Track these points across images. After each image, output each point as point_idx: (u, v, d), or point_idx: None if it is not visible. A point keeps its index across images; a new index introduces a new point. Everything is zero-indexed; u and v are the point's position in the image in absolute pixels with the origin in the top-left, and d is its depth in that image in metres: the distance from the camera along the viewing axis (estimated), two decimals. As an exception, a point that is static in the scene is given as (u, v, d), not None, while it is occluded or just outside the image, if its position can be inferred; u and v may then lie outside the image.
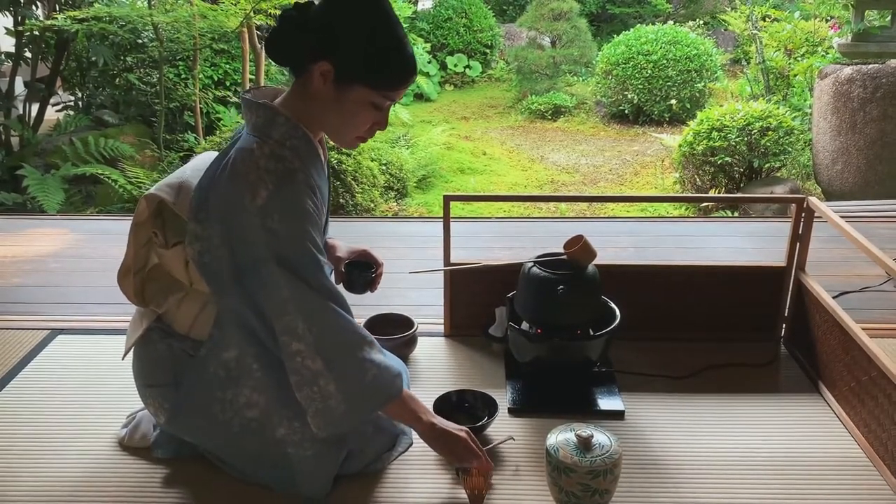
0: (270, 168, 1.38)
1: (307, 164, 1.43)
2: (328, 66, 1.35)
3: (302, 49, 1.36)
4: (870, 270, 2.66)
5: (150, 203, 1.52)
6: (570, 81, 8.17)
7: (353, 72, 1.36)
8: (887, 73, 4.52)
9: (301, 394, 1.42)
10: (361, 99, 1.38)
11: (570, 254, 1.82)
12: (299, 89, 1.43)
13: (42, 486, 1.59)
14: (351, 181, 4.46)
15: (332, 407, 1.41)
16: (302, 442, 1.49)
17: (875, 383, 1.66)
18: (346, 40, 1.34)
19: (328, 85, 1.37)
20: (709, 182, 5.03)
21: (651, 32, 7.30)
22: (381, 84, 1.37)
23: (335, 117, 1.42)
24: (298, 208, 1.38)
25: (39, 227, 3.28)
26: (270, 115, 1.42)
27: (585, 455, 1.44)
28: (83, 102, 5.73)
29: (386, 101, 1.40)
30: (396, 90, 1.40)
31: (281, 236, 1.36)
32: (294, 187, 1.38)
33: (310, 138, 1.45)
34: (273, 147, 1.40)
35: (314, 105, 1.42)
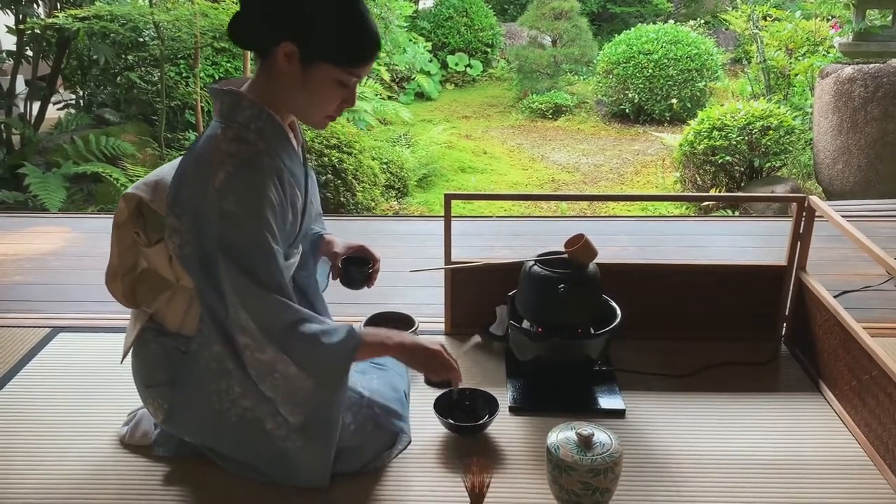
0: (232, 151, 1.38)
1: (275, 147, 1.44)
2: (292, 46, 1.35)
3: (265, 31, 1.37)
4: (870, 270, 2.66)
5: (129, 203, 1.52)
6: (570, 80, 8.16)
7: (318, 50, 1.36)
8: (888, 73, 4.51)
9: (265, 385, 1.42)
10: (327, 77, 1.38)
11: (571, 253, 1.82)
12: (265, 73, 1.43)
13: (43, 483, 1.59)
14: (352, 180, 4.46)
15: (301, 386, 1.42)
16: (289, 435, 1.48)
17: (876, 382, 1.66)
18: (309, 19, 1.34)
19: (293, 65, 1.37)
20: (709, 181, 5.03)
21: (652, 32, 7.30)
22: (345, 61, 1.37)
23: (303, 98, 1.42)
24: (257, 191, 1.37)
25: (40, 225, 3.28)
26: (235, 100, 1.43)
27: (586, 453, 1.44)
28: (84, 101, 5.72)
29: (352, 78, 1.40)
30: (362, 66, 1.40)
31: (233, 219, 1.36)
32: (255, 170, 1.38)
33: (276, 121, 1.45)
34: (237, 130, 1.41)
35: (281, 87, 1.41)
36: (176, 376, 1.53)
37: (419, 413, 1.78)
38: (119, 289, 1.59)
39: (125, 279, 1.60)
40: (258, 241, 1.38)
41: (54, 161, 4.73)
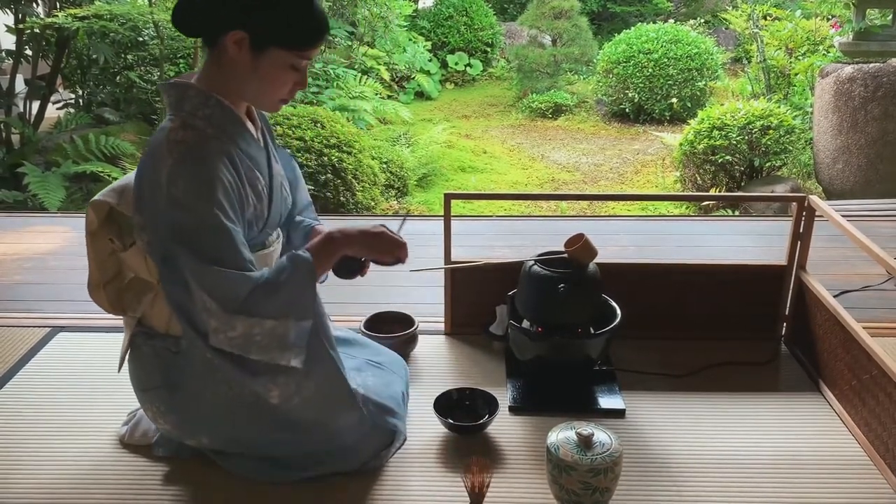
0: (180, 138, 1.38)
1: (227, 132, 1.44)
2: (241, 33, 1.35)
3: (211, 20, 1.37)
4: (871, 269, 2.66)
5: (98, 210, 1.53)
6: (570, 80, 8.15)
7: (267, 36, 1.36)
8: (888, 72, 4.51)
9: (252, 354, 1.41)
10: (279, 62, 1.39)
11: (571, 252, 1.82)
12: (213, 62, 1.43)
13: (43, 483, 1.59)
14: (352, 179, 4.46)
15: (283, 331, 1.41)
16: (291, 397, 1.47)
17: (876, 382, 1.66)
18: (257, 5, 1.34)
19: (244, 52, 1.38)
20: (709, 181, 5.03)
21: (652, 31, 7.29)
22: (295, 44, 1.38)
23: (255, 84, 1.42)
24: (205, 174, 1.37)
25: (40, 224, 3.28)
26: (181, 91, 1.43)
27: (586, 453, 1.44)
28: (84, 100, 5.72)
29: (303, 61, 1.41)
30: (311, 48, 1.41)
31: (182, 203, 1.36)
32: (202, 154, 1.38)
33: (226, 106, 1.45)
34: (184, 118, 1.41)
35: (232, 75, 1.42)
36: (171, 378, 1.53)
37: (419, 413, 1.78)
38: (103, 297, 1.60)
39: (109, 287, 1.60)
40: (209, 221, 1.37)
41: (54, 160, 4.73)
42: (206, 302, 1.37)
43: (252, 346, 1.41)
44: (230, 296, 1.37)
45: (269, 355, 1.42)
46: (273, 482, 1.57)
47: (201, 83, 1.44)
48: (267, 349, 1.42)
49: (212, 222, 1.37)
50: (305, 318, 1.45)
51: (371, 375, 1.65)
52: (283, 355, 1.43)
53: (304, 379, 1.47)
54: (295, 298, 1.43)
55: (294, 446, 1.57)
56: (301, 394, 1.48)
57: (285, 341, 1.42)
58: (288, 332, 1.42)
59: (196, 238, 1.36)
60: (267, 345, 1.41)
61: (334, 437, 1.56)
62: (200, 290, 1.37)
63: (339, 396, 1.52)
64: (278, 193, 1.59)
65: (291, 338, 1.43)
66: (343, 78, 6.28)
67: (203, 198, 1.36)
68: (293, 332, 1.43)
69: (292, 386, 1.47)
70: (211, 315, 1.38)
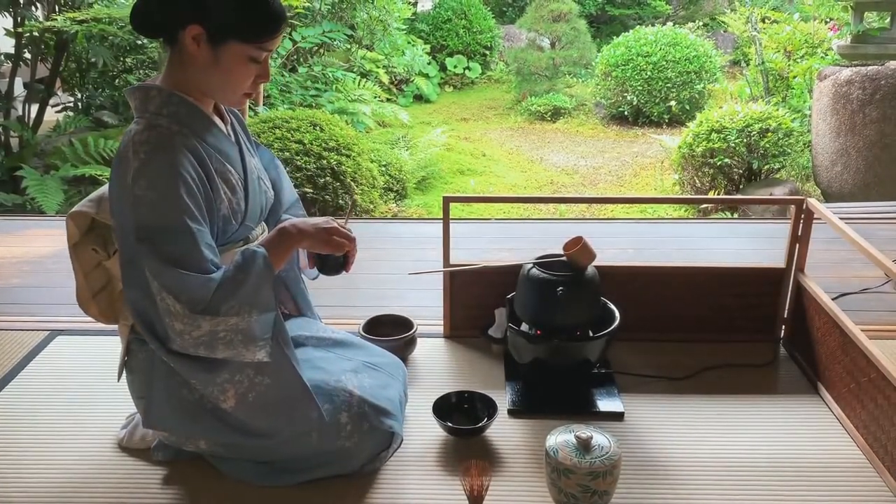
0: (144, 139, 1.39)
1: (193, 127, 1.44)
2: (198, 28, 1.36)
3: (168, 17, 1.37)
4: (869, 272, 2.67)
5: (78, 221, 1.54)
6: (569, 83, 8.17)
7: (224, 29, 1.36)
8: (886, 75, 4.52)
9: (217, 352, 1.41)
10: (238, 54, 1.39)
11: (570, 255, 1.82)
12: (175, 60, 1.43)
13: (41, 487, 1.59)
14: (350, 182, 4.46)
15: (247, 325, 1.41)
16: (245, 396, 1.47)
17: (874, 385, 1.66)
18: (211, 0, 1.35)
19: (202, 47, 1.38)
20: (708, 183, 5.03)
21: (650, 34, 7.31)
22: (253, 35, 1.38)
23: (216, 78, 1.42)
24: (168, 172, 1.37)
25: (38, 227, 3.28)
26: (144, 93, 1.44)
27: (585, 456, 1.44)
28: (83, 103, 5.72)
29: (262, 53, 1.41)
30: (270, 39, 1.40)
31: (146, 203, 1.36)
32: (165, 151, 1.38)
33: (190, 103, 1.45)
34: (149, 119, 1.41)
35: (193, 71, 1.42)
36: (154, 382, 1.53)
37: (417, 416, 1.77)
38: (94, 309, 1.61)
39: (99, 298, 1.60)
40: (172, 221, 1.37)
41: (52, 163, 4.73)
42: (171, 305, 1.36)
43: (218, 344, 1.40)
44: (196, 297, 1.37)
45: (235, 351, 1.42)
46: (271, 485, 1.57)
47: (165, 83, 1.45)
48: (232, 344, 1.41)
49: (175, 222, 1.37)
50: (268, 310, 1.45)
51: (368, 377, 1.65)
52: (249, 349, 1.43)
53: (258, 374, 1.47)
54: (255, 292, 1.43)
55: (270, 452, 1.56)
56: (256, 389, 1.47)
57: (250, 335, 1.42)
58: (251, 326, 1.42)
59: (159, 238, 1.36)
60: (232, 340, 1.41)
61: (301, 442, 1.55)
62: (164, 292, 1.36)
63: (295, 393, 1.51)
64: (255, 186, 1.58)
65: (256, 331, 1.43)
66: (342, 81, 6.29)
67: (166, 197, 1.36)
68: (257, 326, 1.43)
69: (246, 383, 1.47)
70: (175, 318, 1.37)
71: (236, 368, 1.46)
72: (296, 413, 1.51)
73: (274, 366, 1.48)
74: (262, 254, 1.46)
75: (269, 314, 1.45)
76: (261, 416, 1.51)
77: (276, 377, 1.49)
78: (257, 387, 1.48)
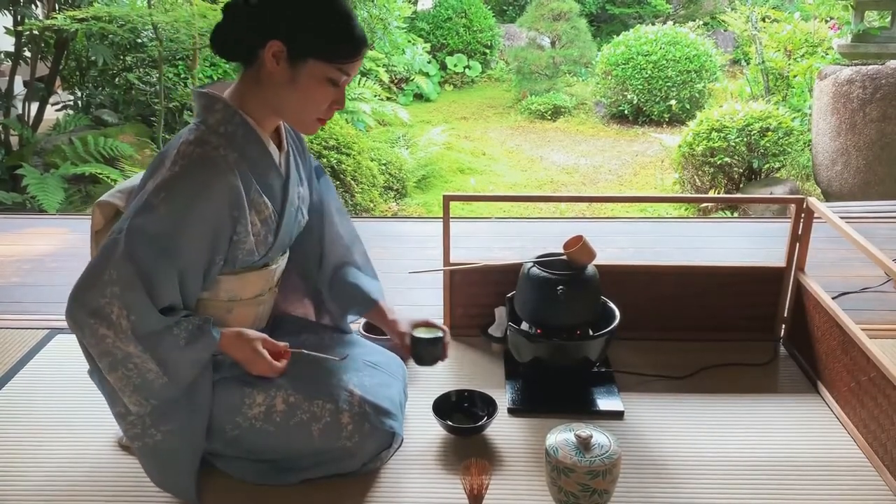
0: (189, 152, 1.37)
1: (244, 154, 1.42)
2: (279, 44, 1.35)
3: (251, 35, 1.37)
4: (869, 271, 2.66)
5: (104, 210, 1.54)
6: (569, 82, 8.17)
7: (306, 46, 1.36)
8: (887, 74, 4.52)
9: (115, 375, 1.40)
10: (317, 74, 1.38)
11: (570, 254, 1.82)
12: (250, 79, 1.42)
13: (40, 485, 1.59)
14: (350, 181, 4.46)
15: (151, 380, 1.40)
16: (144, 433, 1.46)
17: (874, 384, 1.66)
18: (295, 15, 1.34)
19: (282, 65, 1.37)
20: (708, 182, 5.03)
21: (651, 33, 7.30)
22: (334, 55, 1.37)
23: (293, 99, 1.41)
24: (192, 198, 1.35)
25: (38, 226, 3.27)
26: (209, 102, 1.42)
27: (585, 455, 1.44)
28: (82, 102, 5.72)
29: (342, 76, 1.40)
30: (350, 62, 1.39)
31: (154, 214, 1.34)
32: (202, 176, 1.36)
33: (250, 127, 1.44)
34: (202, 133, 1.40)
35: (268, 90, 1.41)
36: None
37: (417, 414, 1.77)
38: None
39: None
40: (168, 249, 1.36)
41: (52, 162, 4.73)
42: (117, 315, 1.35)
43: (119, 368, 1.39)
44: (145, 327, 1.36)
45: (124, 383, 1.41)
46: (271, 484, 1.57)
47: (232, 98, 1.43)
48: (126, 379, 1.40)
49: (167, 248, 1.36)
50: (178, 385, 1.44)
51: (368, 376, 1.65)
52: (131, 396, 1.42)
53: (152, 427, 1.46)
54: (183, 367, 1.43)
55: (270, 451, 1.57)
56: (145, 437, 1.47)
57: (145, 387, 1.41)
58: (156, 382, 1.41)
59: (144, 252, 1.34)
60: (130, 377, 1.40)
61: (301, 441, 1.55)
62: (119, 303, 1.34)
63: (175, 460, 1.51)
64: (290, 218, 1.56)
65: (154, 388, 1.41)
66: (342, 79, 6.27)
67: (177, 223, 1.35)
68: (159, 387, 1.42)
69: (139, 426, 1.46)
70: (110, 326, 1.35)
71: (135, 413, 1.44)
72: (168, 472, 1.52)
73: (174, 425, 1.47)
74: (214, 342, 1.44)
75: (176, 387, 1.43)
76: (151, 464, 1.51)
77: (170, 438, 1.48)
78: (146, 436, 1.47)
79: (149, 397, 1.42)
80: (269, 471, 1.58)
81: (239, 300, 1.56)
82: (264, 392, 1.54)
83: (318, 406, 1.54)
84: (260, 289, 1.60)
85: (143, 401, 1.42)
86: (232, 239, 1.44)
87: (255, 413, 1.53)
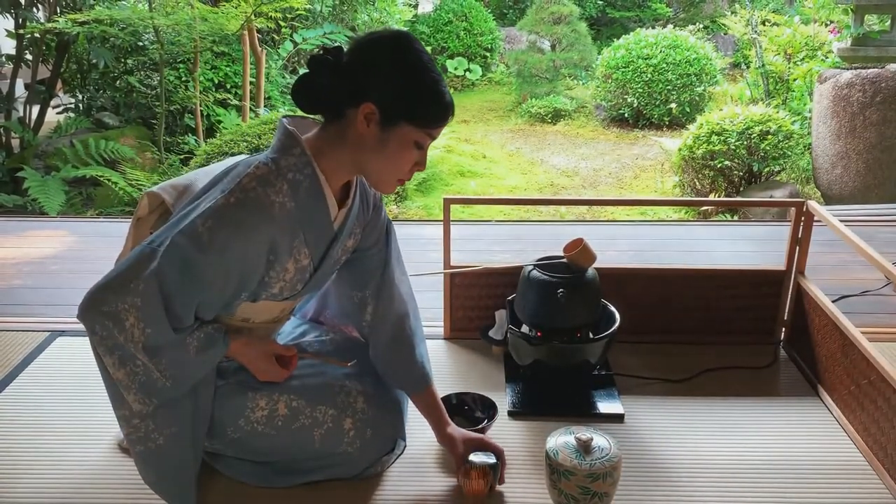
0: (248, 186, 1.35)
1: (303, 204, 1.40)
2: (372, 108, 1.32)
3: (340, 95, 1.34)
4: (869, 274, 2.67)
5: (152, 200, 1.53)
6: (569, 85, 8.17)
7: (399, 110, 1.33)
8: (886, 78, 4.52)
9: (122, 371, 1.38)
10: (406, 138, 1.36)
11: (570, 257, 1.82)
12: (334, 132, 1.39)
13: (41, 488, 1.59)
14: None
15: (155, 379, 1.40)
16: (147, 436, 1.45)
17: (874, 387, 1.66)
18: (390, 79, 1.32)
19: (372, 127, 1.34)
20: (708, 186, 5.03)
21: (651, 36, 7.31)
22: (425, 120, 1.35)
23: (379, 160, 1.38)
24: (234, 235, 1.33)
25: (40, 228, 3.28)
26: (290, 143, 1.40)
27: (585, 458, 1.44)
28: (83, 105, 5.73)
29: (428, 139, 1.39)
30: (439, 126, 1.38)
31: (193, 239, 1.32)
32: (251, 218, 1.34)
33: (318, 182, 1.41)
34: (270, 171, 1.37)
35: (353, 149, 1.38)
36: None
37: (418, 417, 1.77)
38: None
39: None
40: (197, 278, 1.34)
41: (53, 165, 4.73)
42: (134, 326, 1.33)
43: (127, 364, 1.38)
44: (158, 344, 1.36)
45: (128, 382, 1.40)
46: (272, 487, 1.57)
47: (311, 146, 1.40)
48: (133, 376, 1.39)
49: (196, 277, 1.34)
50: (182, 387, 1.44)
51: (370, 381, 1.65)
52: (136, 394, 1.41)
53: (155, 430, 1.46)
54: (189, 371, 1.43)
55: (270, 454, 1.57)
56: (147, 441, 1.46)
57: (150, 386, 1.40)
58: (159, 383, 1.40)
59: (174, 273, 1.33)
60: (136, 374, 1.39)
61: (302, 444, 1.55)
62: (138, 313, 1.33)
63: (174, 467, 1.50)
64: (326, 271, 1.55)
65: (158, 388, 1.41)
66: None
67: (212, 256, 1.33)
68: (161, 388, 1.41)
69: (142, 430, 1.45)
70: (124, 332, 1.34)
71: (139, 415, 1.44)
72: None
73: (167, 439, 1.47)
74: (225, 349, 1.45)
75: (181, 387, 1.43)
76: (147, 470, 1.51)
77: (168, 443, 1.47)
78: (149, 440, 1.46)
79: (152, 396, 1.42)
80: (269, 474, 1.58)
81: (253, 322, 1.56)
82: (267, 396, 1.54)
83: (320, 412, 1.54)
84: (276, 315, 1.59)
85: (146, 399, 1.42)
86: (262, 280, 1.43)
87: (257, 416, 1.53)
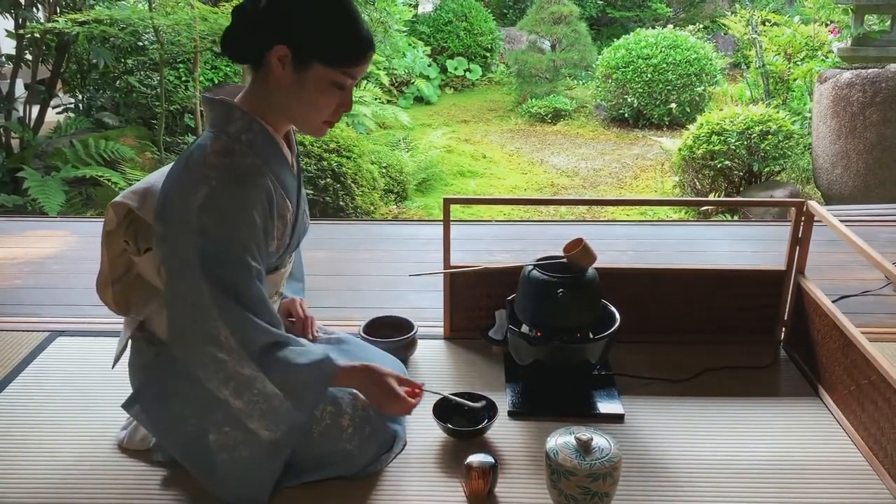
0: (217, 164, 1.38)
1: (266, 159, 1.43)
2: (284, 49, 1.35)
3: (257, 39, 1.37)
4: (869, 274, 2.67)
5: (118, 211, 1.53)
6: (569, 85, 8.17)
7: (310, 50, 1.35)
8: (886, 78, 4.52)
9: (242, 400, 1.41)
10: (323, 79, 1.38)
11: (570, 257, 1.82)
12: (259, 82, 1.43)
13: (41, 488, 1.59)
14: (351, 184, 4.46)
15: (279, 405, 1.42)
16: (236, 446, 1.46)
17: (875, 387, 1.66)
18: (300, 20, 1.34)
19: (287, 69, 1.37)
20: (708, 186, 5.03)
21: (651, 36, 7.31)
22: (338, 60, 1.37)
23: (299, 103, 1.41)
24: (239, 209, 1.37)
25: (40, 228, 3.28)
26: (227, 110, 1.43)
27: (585, 458, 1.44)
28: (83, 105, 5.72)
29: (347, 80, 1.40)
30: (355, 66, 1.39)
31: (214, 236, 1.35)
32: (239, 187, 1.37)
33: (269, 133, 1.45)
34: (225, 142, 1.41)
35: (276, 94, 1.41)
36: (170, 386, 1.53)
37: (417, 417, 1.77)
38: (109, 296, 1.60)
39: (116, 286, 1.60)
40: (239, 258, 1.37)
41: (53, 165, 4.73)
42: (225, 336, 1.36)
43: (245, 393, 1.40)
44: (250, 341, 1.38)
45: (253, 411, 1.42)
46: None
47: (245, 104, 1.44)
48: (255, 405, 1.41)
49: (240, 260, 1.37)
50: (302, 410, 1.45)
51: (370, 380, 1.65)
52: (262, 421, 1.43)
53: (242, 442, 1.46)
54: (304, 389, 1.45)
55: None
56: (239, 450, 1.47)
57: (272, 413, 1.42)
58: (281, 408, 1.42)
59: (224, 272, 1.36)
60: (258, 402, 1.41)
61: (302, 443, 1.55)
62: (220, 323, 1.36)
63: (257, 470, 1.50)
64: (302, 218, 1.58)
65: (280, 414, 1.43)
66: (342, 82, 6.28)
67: (235, 235, 1.36)
68: (285, 412, 1.43)
69: (231, 438, 1.46)
70: (224, 349, 1.37)
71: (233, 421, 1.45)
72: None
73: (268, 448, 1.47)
74: (332, 367, 1.47)
75: (299, 413, 1.45)
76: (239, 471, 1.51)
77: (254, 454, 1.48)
78: (237, 450, 1.47)
79: (277, 423, 1.43)
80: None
81: None
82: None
83: (318, 409, 1.54)
84: (268, 294, 1.60)
85: (272, 426, 1.43)
86: (267, 241, 1.45)
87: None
